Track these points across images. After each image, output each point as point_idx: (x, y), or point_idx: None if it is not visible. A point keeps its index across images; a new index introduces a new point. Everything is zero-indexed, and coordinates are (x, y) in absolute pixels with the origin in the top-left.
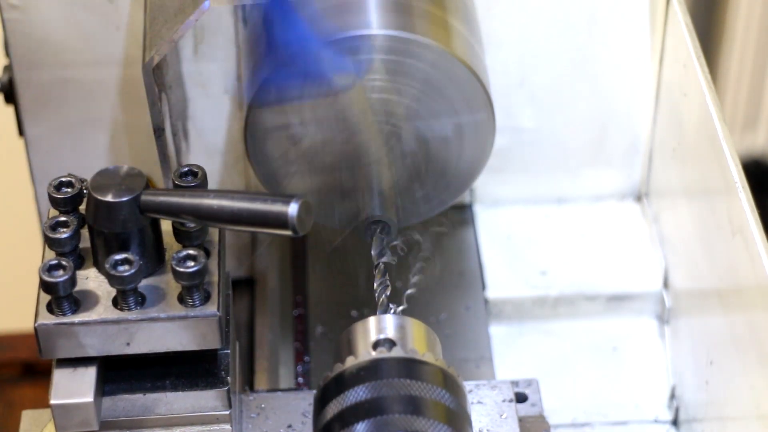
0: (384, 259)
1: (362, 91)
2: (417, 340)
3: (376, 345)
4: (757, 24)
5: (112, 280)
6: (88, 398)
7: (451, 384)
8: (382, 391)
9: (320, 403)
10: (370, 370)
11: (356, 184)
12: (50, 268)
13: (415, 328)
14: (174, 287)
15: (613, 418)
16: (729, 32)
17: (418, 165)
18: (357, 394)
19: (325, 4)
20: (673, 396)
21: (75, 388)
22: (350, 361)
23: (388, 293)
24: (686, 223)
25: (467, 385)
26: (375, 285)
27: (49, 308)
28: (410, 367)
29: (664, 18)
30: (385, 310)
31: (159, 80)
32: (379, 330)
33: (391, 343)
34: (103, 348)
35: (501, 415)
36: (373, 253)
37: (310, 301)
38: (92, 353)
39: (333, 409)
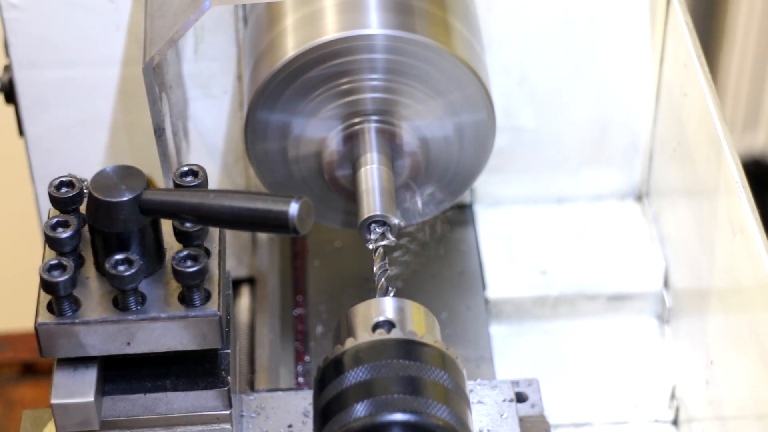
0: (383, 243)
1: None
2: (416, 322)
3: (375, 327)
4: (758, 24)
5: (113, 279)
6: (89, 398)
7: (449, 365)
8: (381, 372)
9: (320, 384)
10: (370, 352)
11: (356, 184)
12: (50, 268)
13: (414, 310)
14: (174, 287)
15: (613, 418)
16: (729, 32)
17: (418, 165)
18: (356, 374)
19: (326, 3)
20: (673, 396)
21: (75, 387)
22: (350, 343)
23: (387, 277)
24: (686, 222)
25: (467, 384)
26: (374, 269)
27: (50, 308)
28: (409, 348)
29: (664, 18)
30: (385, 293)
31: (159, 80)
32: (378, 312)
33: (390, 325)
34: (104, 348)
35: (501, 415)
36: (372, 237)
37: (310, 301)
38: (93, 353)
39: (333, 389)
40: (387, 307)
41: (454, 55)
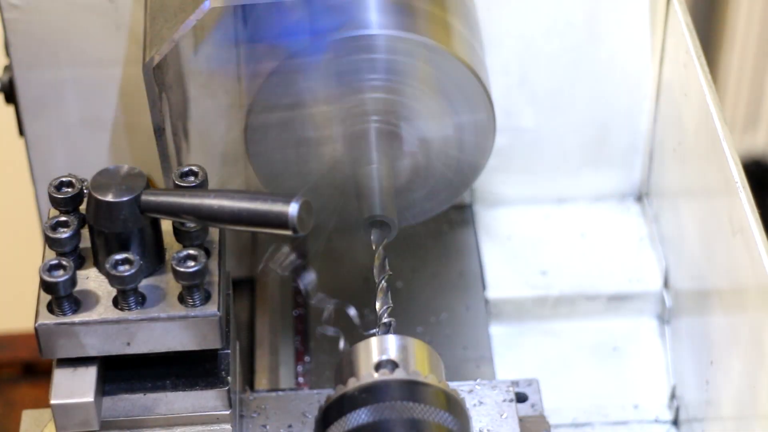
0: (386, 276)
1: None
2: (419, 362)
3: (378, 366)
4: (758, 23)
5: (113, 279)
6: (89, 398)
7: (454, 406)
8: (385, 414)
9: (322, 425)
10: (372, 392)
11: (356, 184)
12: (50, 268)
13: (418, 349)
14: (174, 287)
15: (613, 418)
16: (729, 32)
17: (418, 165)
18: (359, 416)
19: (326, 3)
20: (673, 396)
21: (75, 387)
22: (352, 383)
23: (390, 313)
24: (687, 222)
25: (467, 385)
26: (377, 305)
27: (50, 308)
28: (413, 389)
29: (664, 18)
30: (387, 331)
31: (159, 80)
32: (381, 351)
33: (393, 365)
34: (104, 348)
35: (501, 415)
36: (375, 271)
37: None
38: (92, 353)
39: (335, 431)
40: (390, 345)
41: (454, 55)
